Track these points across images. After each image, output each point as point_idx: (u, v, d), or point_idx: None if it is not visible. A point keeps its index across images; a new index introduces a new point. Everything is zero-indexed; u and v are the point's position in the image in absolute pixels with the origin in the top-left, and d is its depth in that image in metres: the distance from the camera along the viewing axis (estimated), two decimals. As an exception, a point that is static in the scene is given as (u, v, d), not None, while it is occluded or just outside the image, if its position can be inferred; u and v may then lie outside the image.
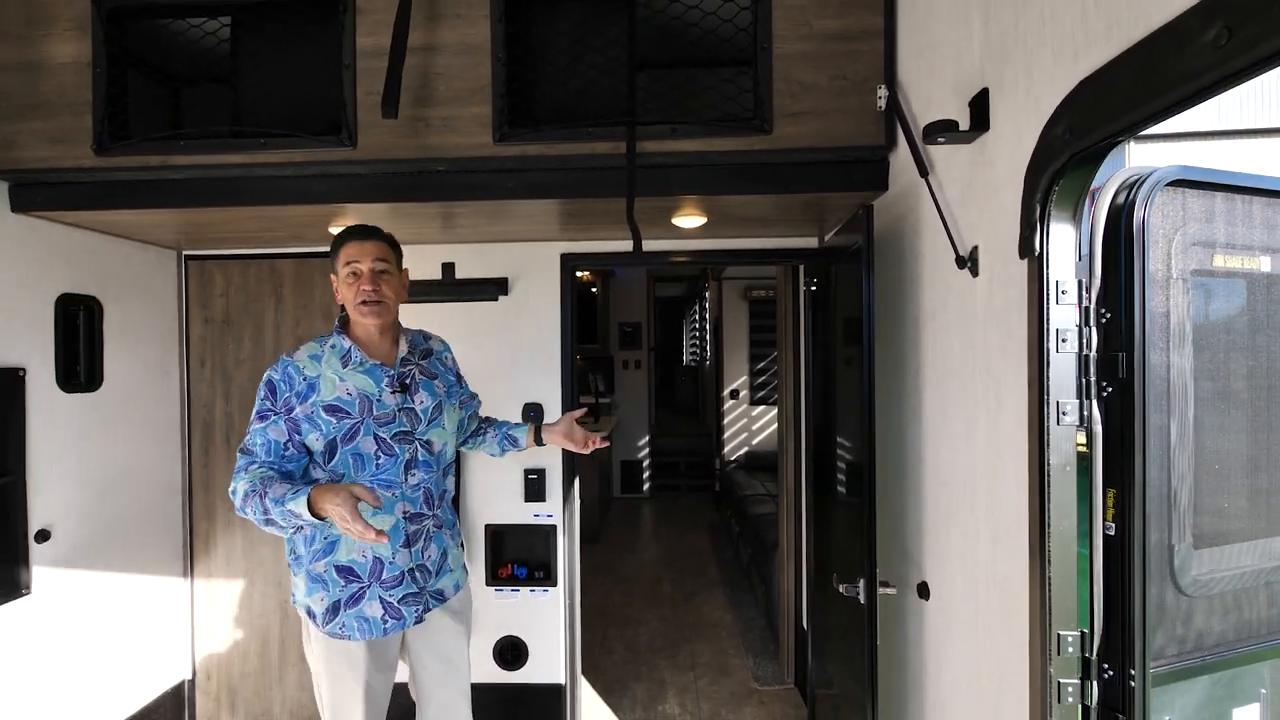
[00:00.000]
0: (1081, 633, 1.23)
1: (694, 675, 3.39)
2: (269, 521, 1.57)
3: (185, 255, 2.82)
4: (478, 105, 1.96)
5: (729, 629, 3.94)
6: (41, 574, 2.16)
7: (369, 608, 1.72)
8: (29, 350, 2.16)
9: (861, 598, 1.79)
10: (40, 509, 2.17)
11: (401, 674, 1.88)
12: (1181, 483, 1.24)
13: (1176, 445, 1.23)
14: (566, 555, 2.72)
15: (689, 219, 2.35)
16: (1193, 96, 0.86)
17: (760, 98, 1.91)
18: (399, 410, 1.75)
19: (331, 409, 1.68)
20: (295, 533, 1.67)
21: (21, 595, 2.10)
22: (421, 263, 2.75)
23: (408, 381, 1.78)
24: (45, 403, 2.20)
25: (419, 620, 1.78)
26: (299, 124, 2.02)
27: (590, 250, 2.74)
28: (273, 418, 1.66)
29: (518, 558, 2.75)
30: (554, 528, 2.72)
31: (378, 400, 1.72)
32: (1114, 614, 1.22)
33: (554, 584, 2.72)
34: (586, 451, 2.01)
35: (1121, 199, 1.19)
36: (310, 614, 1.74)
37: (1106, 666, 1.22)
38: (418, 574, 1.77)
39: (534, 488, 2.70)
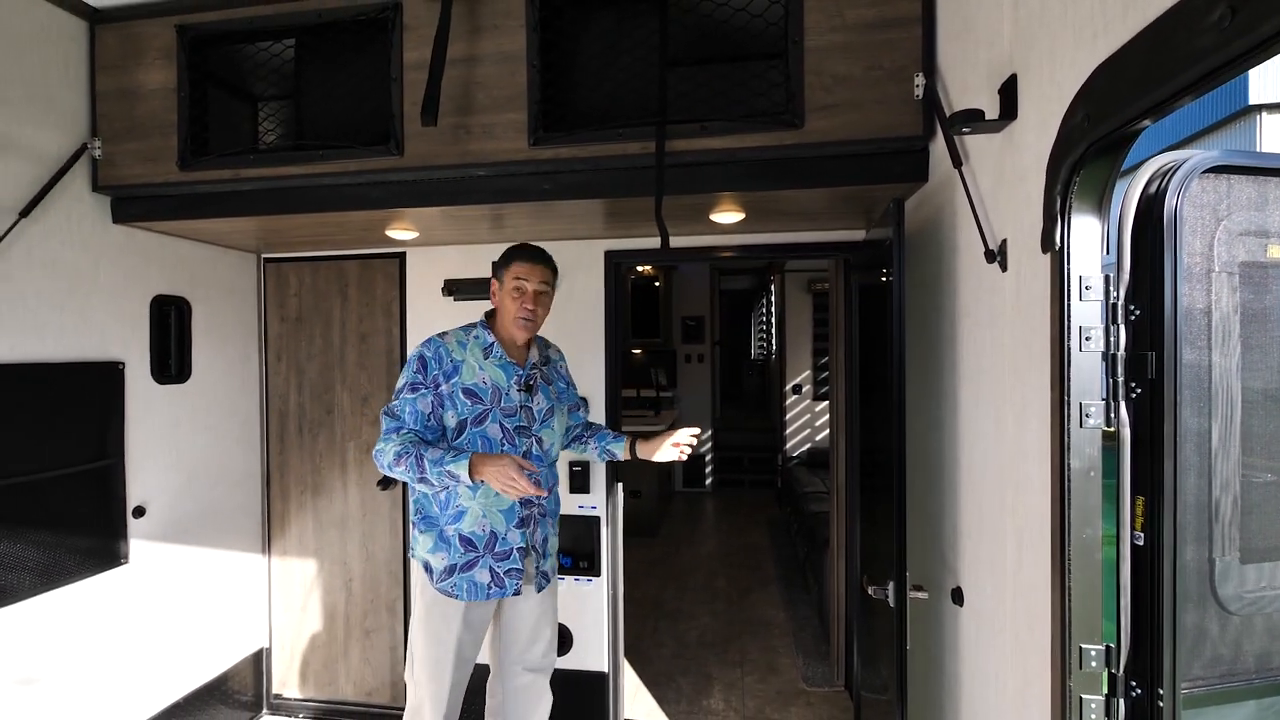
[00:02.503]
0: (1107, 647, 1.17)
1: (741, 672, 3.39)
2: (422, 479, 1.79)
3: (264, 258, 3.07)
4: (514, 111, 2.03)
5: (781, 627, 3.91)
6: (138, 546, 2.43)
7: (479, 574, 1.94)
8: (128, 346, 2.42)
9: (891, 601, 1.75)
10: (137, 488, 2.43)
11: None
12: (1225, 491, 1.15)
13: (1219, 451, 1.14)
14: (610, 546, 2.78)
15: (726, 215, 2.34)
16: (1199, 82, 0.80)
17: (791, 92, 1.89)
18: (521, 407, 1.97)
19: (469, 392, 1.91)
20: (442, 491, 1.91)
21: (121, 564, 2.37)
22: (473, 262, 2.88)
23: (532, 383, 2.00)
24: (142, 393, 2.46)
25: (517, 592, 1.98)
26: (354, 135, 2.16)
27: (634, 247, 2.78)
28: (423, 390, 1.88)
29: (563, 547, 2.82)
30: (598, 519, 2.79)
31: (506, 394, 1.95)
32: (1144, 629, 1.15)
33: (597, 574, 2.79)
34: (685, 456, 2.08)
35: (1154, 189, 1.11)
36: (428, 568, 1.96)
37: (1135, 684, 1.16)
38: (531, 552, 2.00)
39: (579, 479, 2.78)
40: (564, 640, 2.79)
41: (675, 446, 2.07)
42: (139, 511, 2.42)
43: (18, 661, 2.05)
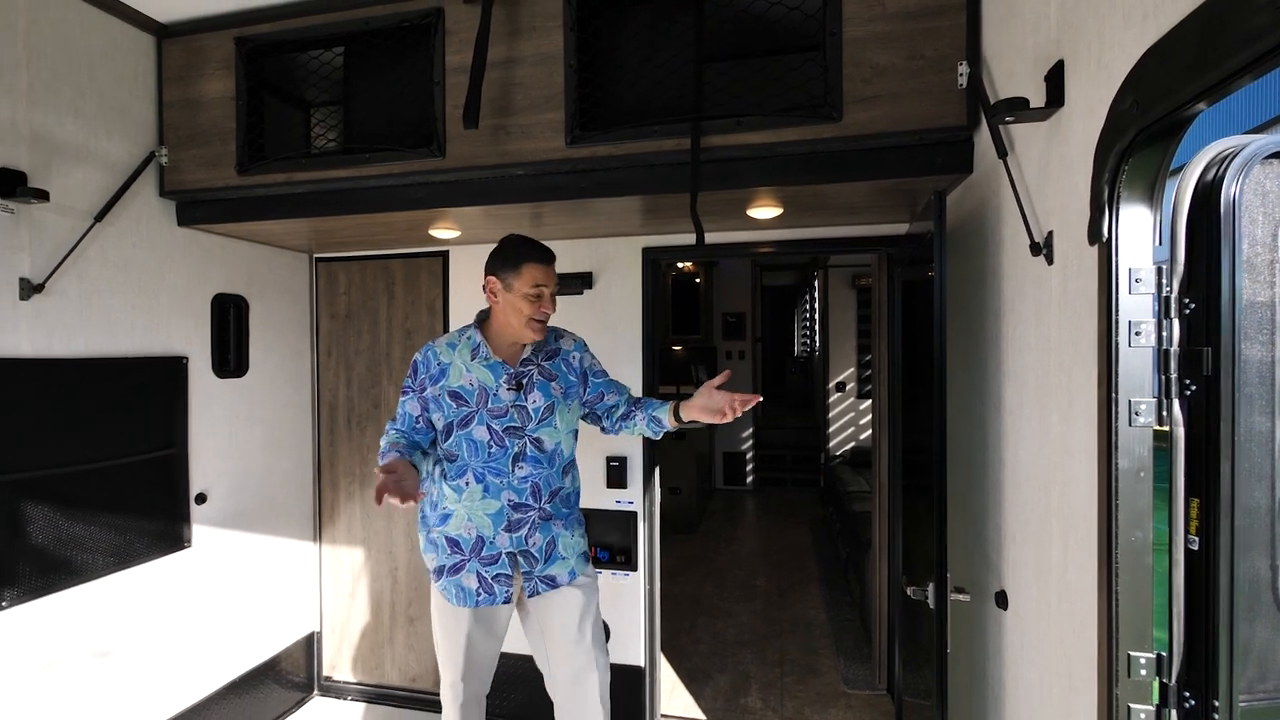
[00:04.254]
0: (1159, 655, 1.12)
1: (780, 672, 3.36)
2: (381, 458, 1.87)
3: (315, 258, 3.19)
4: (552, 111, 2.06)
5: (822, 628, 3.86)
6: (200, 531, 2.57)
7: (466, 579, 1.90)
8: (191, 342, 2.55)
9: (931, 603, 1.71)
10: (199, 476, 2.57)
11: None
12: (1289, 495, 1.09)
13: (1283, 453, 1.08)
14: (646, 541, 2.80)
15: (764, 210, 2.33)
16: (1255, 63, 0.76)
17: (829, 84, 1.86)
18: (512, 406, 1.88)
19: (454, 395, 1.89)
20: (434, 491, 1.94)
21: (185, 548, 2.51)
22: (514, 260, 2.93)
23: (523, 381, 1.90)
24: (203, 386, 2.60)
25: (506, 600, 1.91)
26: (399, 138, 2.23)
27: (671, 244, 2.78)
28: (411, 394, 1.93)
29: (600, 541, 2.86)
30: (634, 514, 2.80)
31: (494, 395, 1.88)
32: (1199, 637, 1.10)
33: (634, 569, 2.80)
34: (731, 417, 1.84)
35: (1210, 176, 1.06)
36: (429, 570, 1.99)
37: (1188, 695, 1.11)
38: (520, 558, 1.91)
39: (615, 474, 2.80)
40: (602, 633, 2.82)
41: (721, 403, 1.83)
42: (200, 498, 2.56)
43: (94, 635, 2.19)
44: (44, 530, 2.03)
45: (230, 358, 2.74)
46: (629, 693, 2.80)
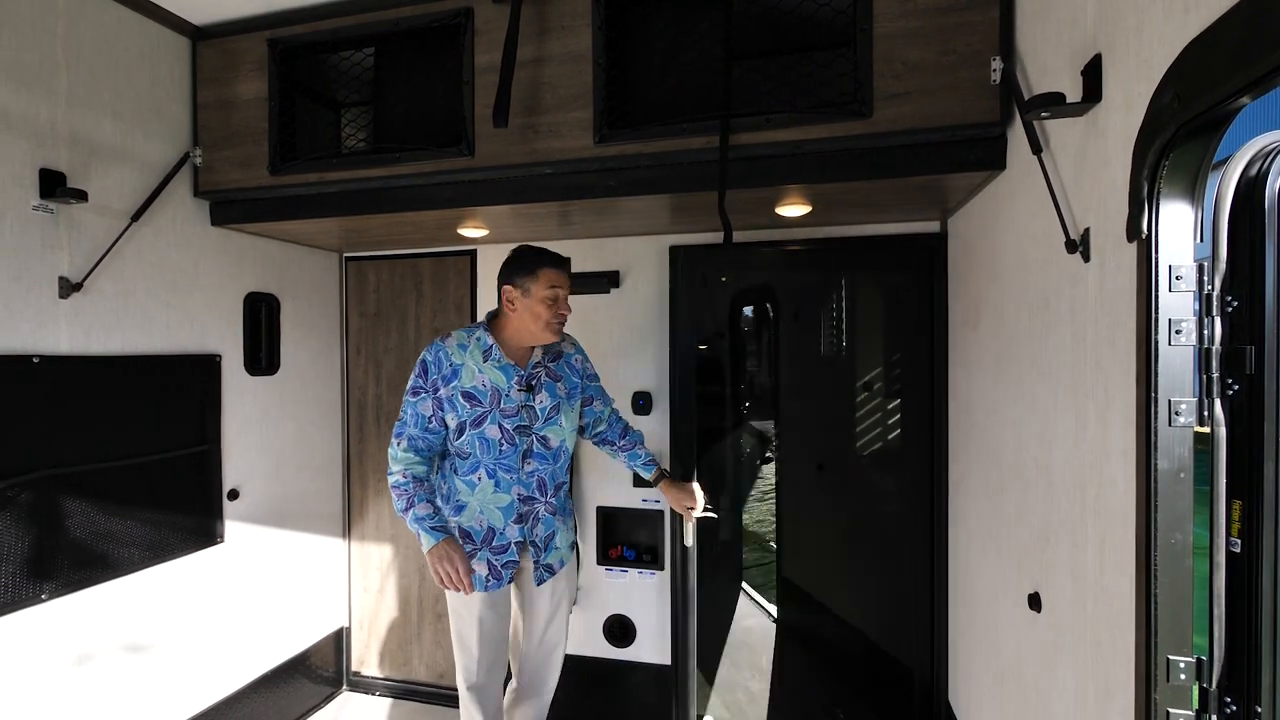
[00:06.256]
0: (1198, 660, 1.10)
1: (803, 671, 3.34)
2: (403, 513, 1.95)
3: (345, 257, 3.24)
4: (580, 110, 2.07)
5: (845, 629, 3.82)
6: (232, 526, 2.62)
7: (477, 566, 2.03)
8: (224, 340, 2.61)
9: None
10: (231, 472, 2.62)
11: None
12: (1337, 498, 1.06)
13: (1330, 454, 1.05)
14: (673, 540, 2.80)
15: (791, 208, 2.31)
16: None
17: (859, 81, 1.85)
18: (522, 407, 2.01)
19: (467, 395, 1.98)
20: (444, 484, 2.08)
21: (218, 543, 2.56)
22: (539, 259, 2.95)
23: (533, 383, 2.04)
24: (236, 384, 2.65)
25: (511, 581, 2.09)
26: (428, 138, 2.25)
27: (698, 242, 2.78)
28: (423, 395, 1.98)
29: (627, 540, 2.87)
30: (661, 514, 2.81)
31: (506, 395, 2.00)
32: (1241, 641, 1.08)
33: (660, 568, 2.81)
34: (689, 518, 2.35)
35: (1254, 171, 1.04)
36: None
37: (1229, 700, 1.09)
38: (529, 548, 2.07)
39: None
40: (627, 632, 2.83)
41: (689, 509, 2.29)
42: (233, 494, 2.61)
43: (128, 628, 2.25)
44: (81, 525, 2.08)
45: (262, 356, 2.79)
46: (656, 693, 2.81)
